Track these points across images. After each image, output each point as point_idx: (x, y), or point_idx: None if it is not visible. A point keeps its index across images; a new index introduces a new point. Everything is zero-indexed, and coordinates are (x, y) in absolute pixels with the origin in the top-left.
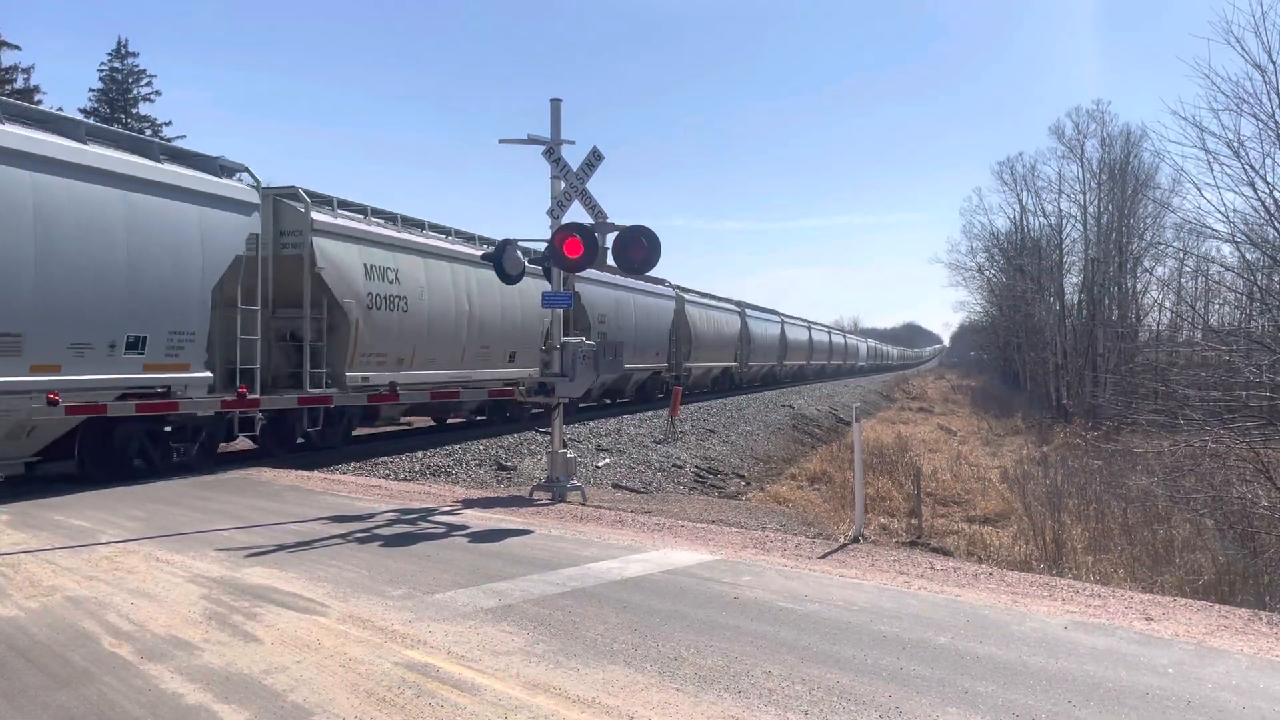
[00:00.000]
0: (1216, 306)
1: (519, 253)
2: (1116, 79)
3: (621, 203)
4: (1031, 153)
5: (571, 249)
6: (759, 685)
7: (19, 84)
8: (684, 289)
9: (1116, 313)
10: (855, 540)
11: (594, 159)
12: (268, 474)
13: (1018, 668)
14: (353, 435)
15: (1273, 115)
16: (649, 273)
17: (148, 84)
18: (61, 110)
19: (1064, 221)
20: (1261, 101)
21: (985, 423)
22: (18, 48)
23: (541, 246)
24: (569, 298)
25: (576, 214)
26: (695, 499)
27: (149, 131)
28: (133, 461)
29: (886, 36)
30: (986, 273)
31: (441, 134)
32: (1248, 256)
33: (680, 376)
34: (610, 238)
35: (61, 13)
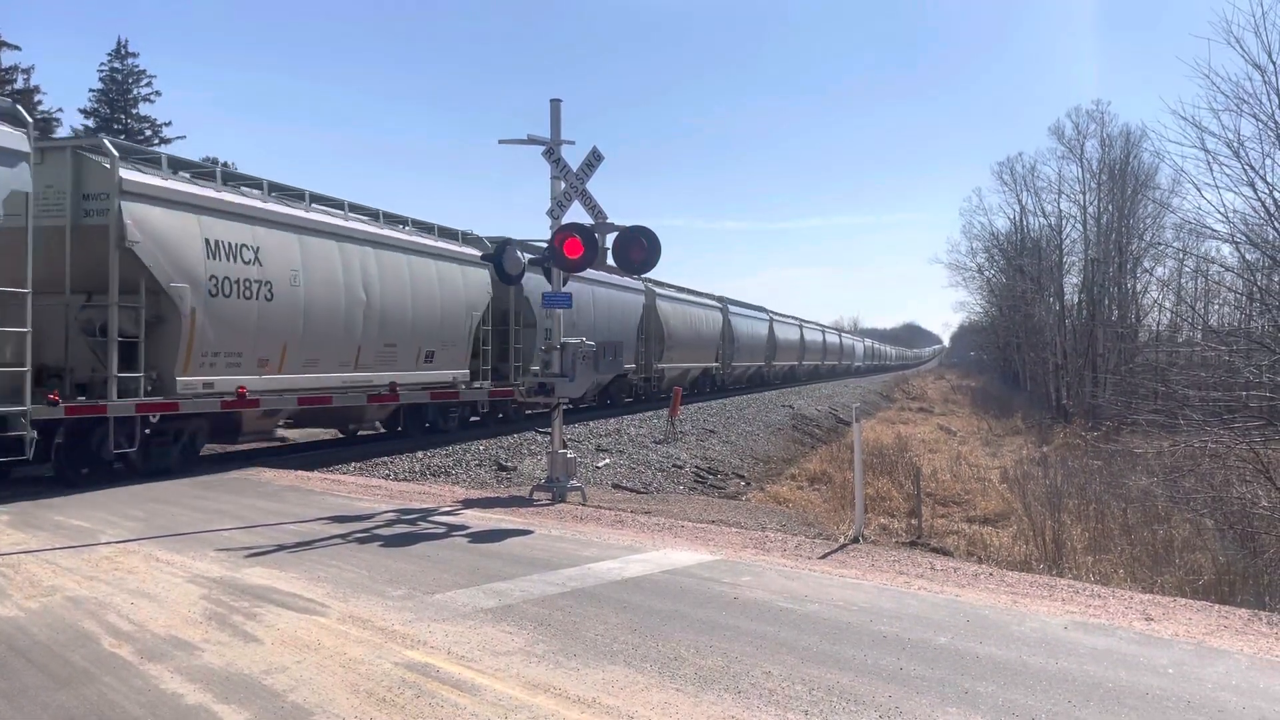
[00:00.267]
0: (1216, 307)
1: (518, 252)
2: (1116, 79)
3: (621, 203)
4: (1031, 153)
5: (571, 249)
6: (759, 685)
7: (19, 84)
8: (656, 282)
9: (1116, 313)
10: (855, 540)
11: (594, 159)
12: (268, 474)
13: (1018, 668)
14: (200, 455)
15: (1272, 115)
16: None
17: (148, 84)
18: (61, 111)
19: (1064, 222)
20: (1261, 101)
21: (985, 423)
22: (18, 48)
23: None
24: (569, 298)
25: (576, 214)
26: (695, 499)
27: (149, 132)
28: None
29: (886, 37)
30: (986, 273)
31: (441, 134)
32: (1248, 257)
33: (650, 379)
34: (610, 238)
35: (61, 13)
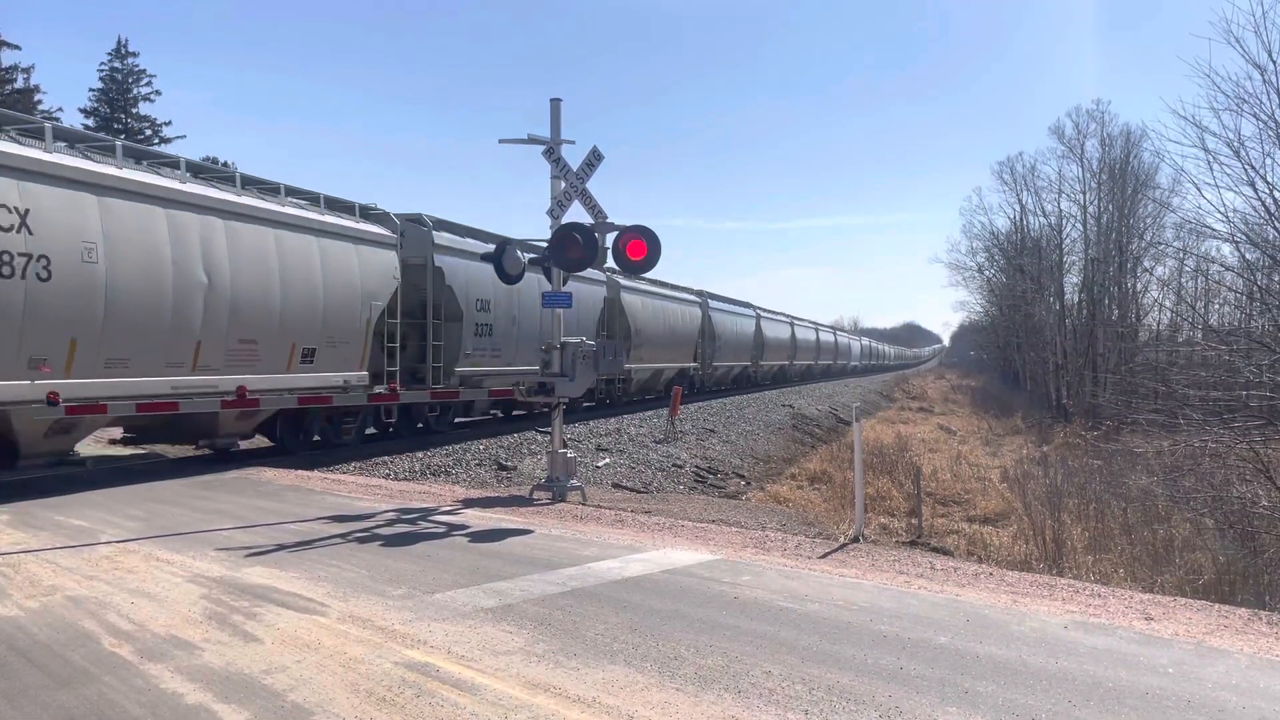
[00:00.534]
0: (1216, 306)
1: (518, 252)
2: (1116, 79)
3: (621, 203)
4: (1031, 153)
5: (571, 249)
6: (759, 685)
7: (19, 84)
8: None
9: (1116, 313)
10: (855, 540)
11: (594, 159)
12: (268, 474)
13: (1018, 667)
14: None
15: (1273, 115)
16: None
17: (148, 84)
18: (61, 111)
19: (1064, 221)
20: (1261, 101)
21: (985, 422)
22: (18, 48)
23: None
24: (569, 298)
25: (577, 214)
26: (695, 499)
27: (149, 131)
28: None
29: (886, 37)
30: (986, 273)
31: (441, 134)
32: (1248, 256)
33: (615, 382)
34: (610, 237)
35: (61, 13)
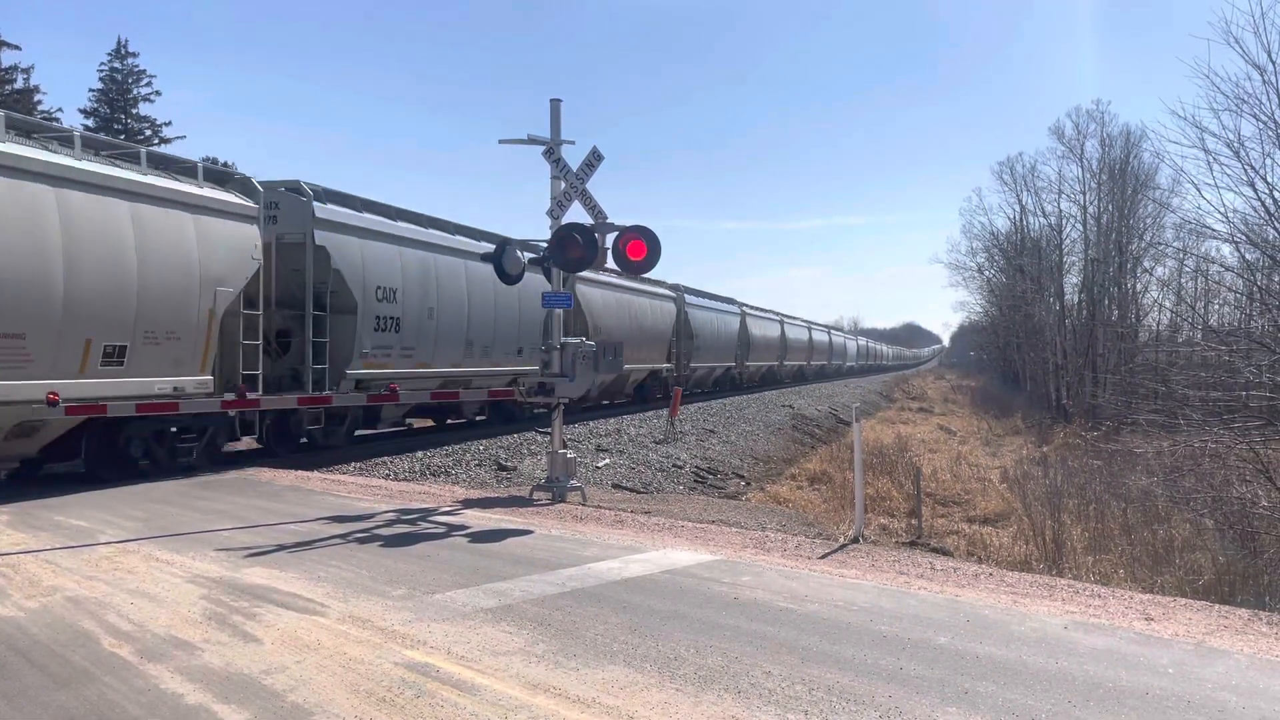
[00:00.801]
0: (1216, 306)
1: (518, 252)
2: (1116, 80)
3: (621, 203)
4: (1031, 153)
5: (572, 249)
6: (759, 685)
7: (19, 84)
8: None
9: (1116, 313)
10: (855, 540)
11: (594, 159)
12: (267, 474)
13: (1018, 668)
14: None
15: (1272, 115)
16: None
17: (147, 84)
18: (61, 110)
19: (1064, 221)
20: (1261, 101)
21: (985, 423)
22: (18, 48)
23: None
24: (569, 298)
25: (577, 214)
26: (695, 499)
27: (149, 131)
28: None
29: (887, 38)
30: (986, 273)
31: (441, 134)
32: (1248, 256)
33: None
34: (610, 238)
35: (61, 13)
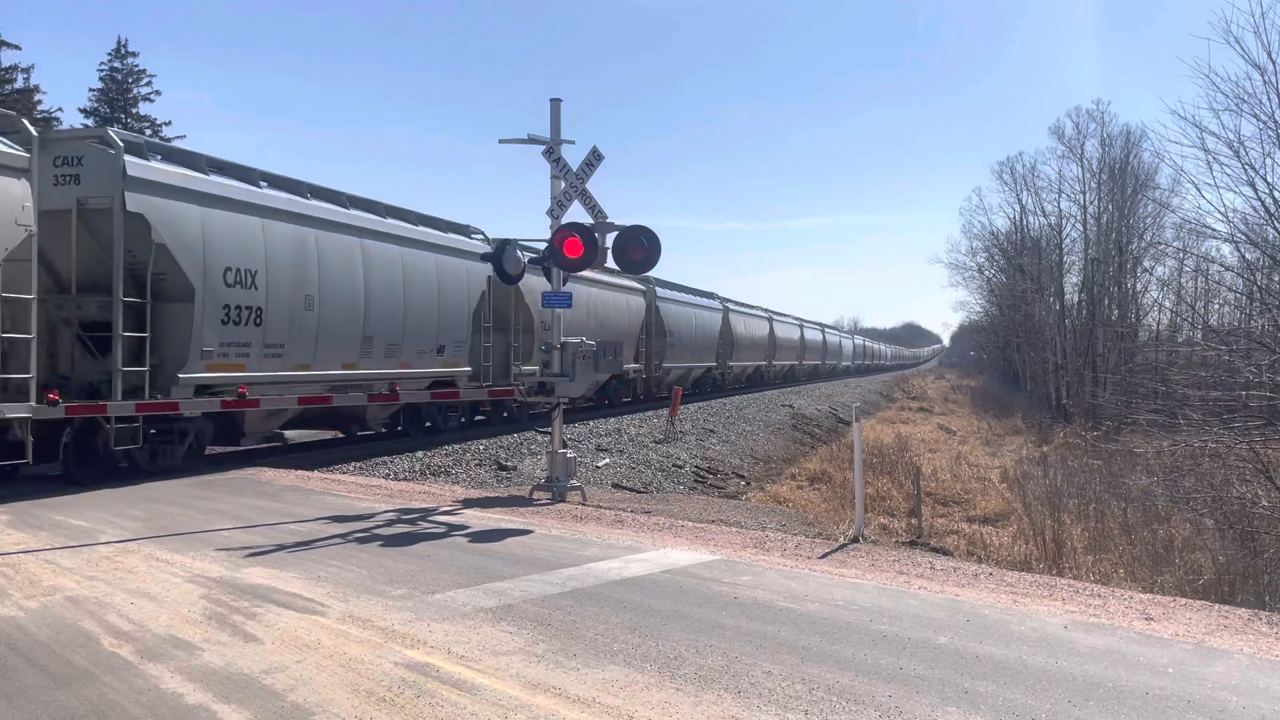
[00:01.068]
0: (1216, 306)
1: (518, 252)
2: (1116, 79)
3: (621, 203)
4: (1031, 153)
5: (571, 249)
6: (759, 685)
7: (19, 84)
8: (518, 244)
9: (1116, 313)
10: (855, 540)
11: (593, 159)
12: (268, 474)
13: (1018, 667)
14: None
15: (1272, 115)
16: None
17: (148, 84)
18: (61, 110)
19: (1064, 221)
20: (1261, 101)
21: (985, 423)
22: (18, 48)
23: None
24: (569, 298)
25: (576, 214)
26: (695, 499)
27: (149, 131)
28: None
29: (886, 36)
30: (986, 273)
31: (442, 133)
32: (1248, 256)
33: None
34: (610, 237)
35: (61, 13)
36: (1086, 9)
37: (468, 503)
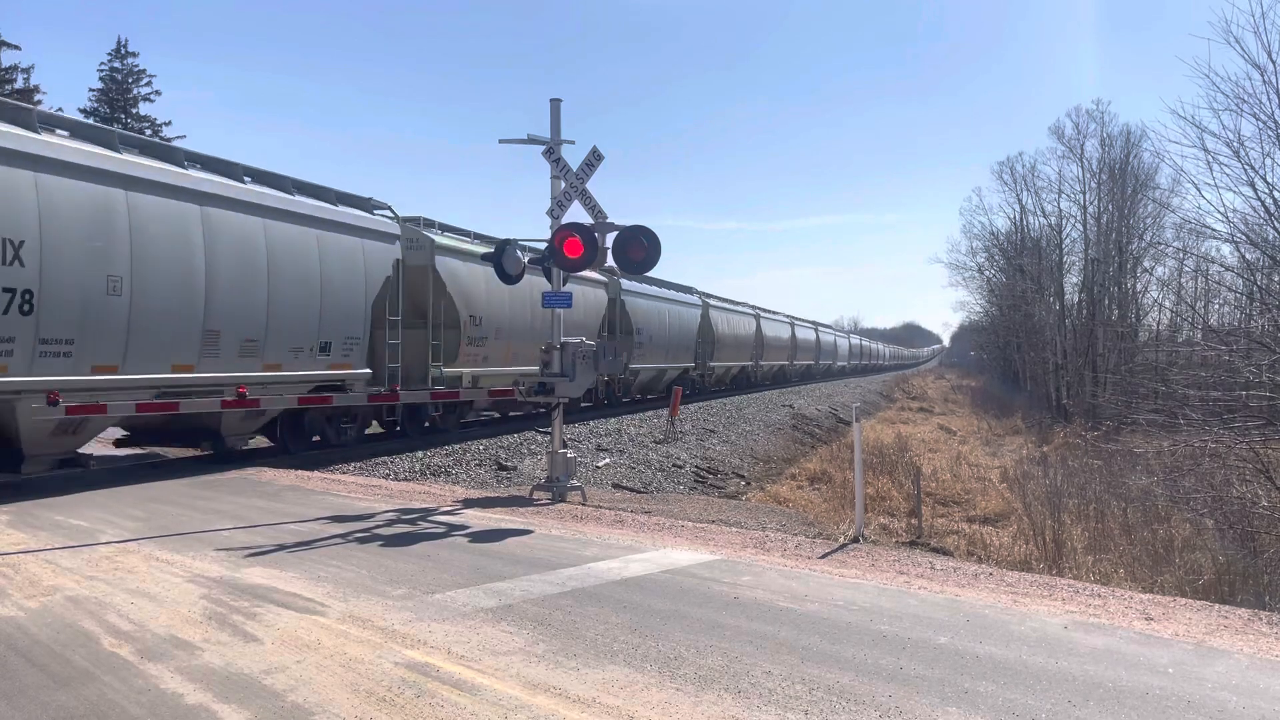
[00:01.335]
0: (1216, 306)
1: (518, 252)
2: (1116, 79)
3: (621, 203)
4: (1031, 153)
5: (571, 249)
6: (759, 685)
7: (19, 84)
8: (448, 229)
9: (1116, 313)
10: (855, 540)
11: (594, 159)
12: (268, 474)
13: (1018, 667)
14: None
15: (1272, 115)
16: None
17: (148, 84)
18: (61, 110)
19: (1064, 221)
20: (1261, 101)
21: (985, 423)
22: (18, 48)
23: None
24: (569, 298)
25: (576, 214)
26: (695, 499)
27: (149, 131)
28: None
29: (886, 36)
30: (986, 273)
31: (441, 133)
32: (1248, 256)
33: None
34: (610, 237)
35: (61, 13)
36: (1086, 9)
37: (468, 503)
